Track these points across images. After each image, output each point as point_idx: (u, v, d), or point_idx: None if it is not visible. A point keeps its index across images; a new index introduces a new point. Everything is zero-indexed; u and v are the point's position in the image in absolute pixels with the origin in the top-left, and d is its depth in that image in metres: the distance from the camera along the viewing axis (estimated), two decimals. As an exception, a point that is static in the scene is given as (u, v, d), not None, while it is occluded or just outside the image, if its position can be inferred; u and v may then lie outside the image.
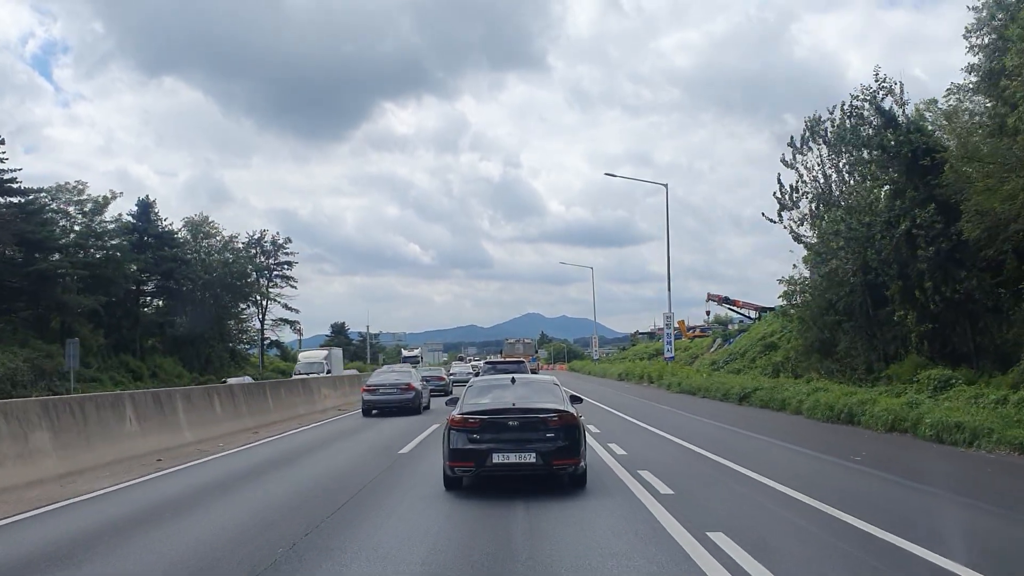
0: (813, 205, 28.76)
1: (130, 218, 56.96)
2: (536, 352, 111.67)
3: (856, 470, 12.38)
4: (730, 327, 72.17)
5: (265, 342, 72.76)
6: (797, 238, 29.62)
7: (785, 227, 29.45)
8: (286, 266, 74.59)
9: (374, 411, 25.31)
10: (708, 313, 65.14)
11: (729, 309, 62.34)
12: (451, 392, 25.85)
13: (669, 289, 44.06)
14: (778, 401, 23.23)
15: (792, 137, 28.98)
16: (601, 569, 6.82)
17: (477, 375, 29.62)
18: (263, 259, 73.51)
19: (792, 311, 31.49)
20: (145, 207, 58.17)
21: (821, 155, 28.35)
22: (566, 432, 10.25)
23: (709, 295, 61.63)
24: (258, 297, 71.40)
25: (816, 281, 28.61)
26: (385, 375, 27.89)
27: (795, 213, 29.23)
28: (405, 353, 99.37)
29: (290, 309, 74.69)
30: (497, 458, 10.01)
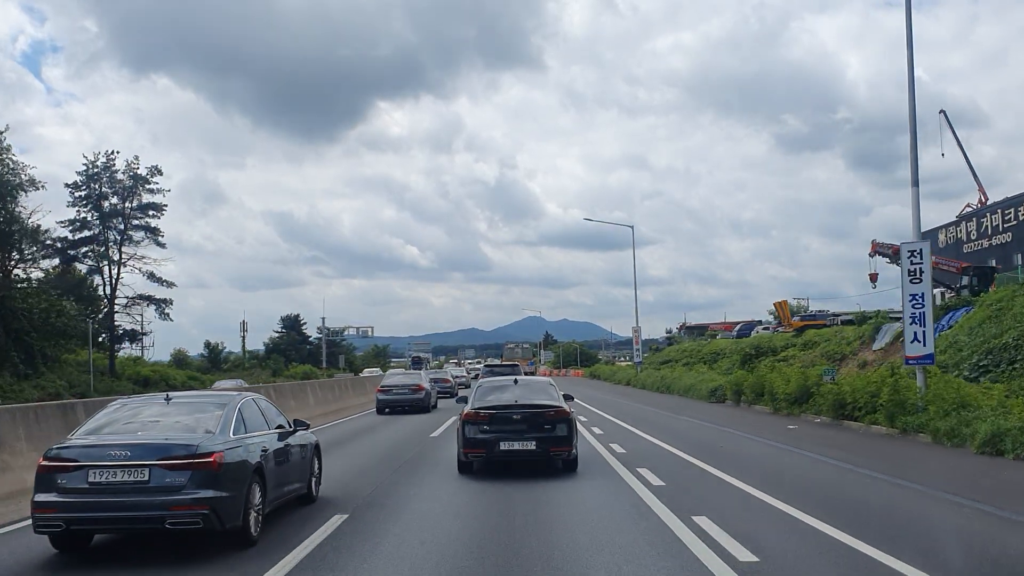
0: None
1: None
2: (534, 356, 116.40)
3: None
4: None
5: (117, 332, 45.79)
6: None
7: None
8: (151, 212, 47.60)
9: (387, 409, 26.63)
10: (874, 279, 38.03)
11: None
12: (457, 394, 27.95)
13: (915, 177, 17.38)
14: None
15: None
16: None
17: (475, 377, 35.76)
18: (116, 201, 46.53)
19: None
20: None
21: None
22: (560, 424, 11.60)
23: (875, 246, 34.94)
24: (102, 262, 44.52)
25: None
26: (398, 377, 29.69)
27: None
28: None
29: (158, 281, 47.52)
30: (504, 446, 11.46)
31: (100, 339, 59.46)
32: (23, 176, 34.02)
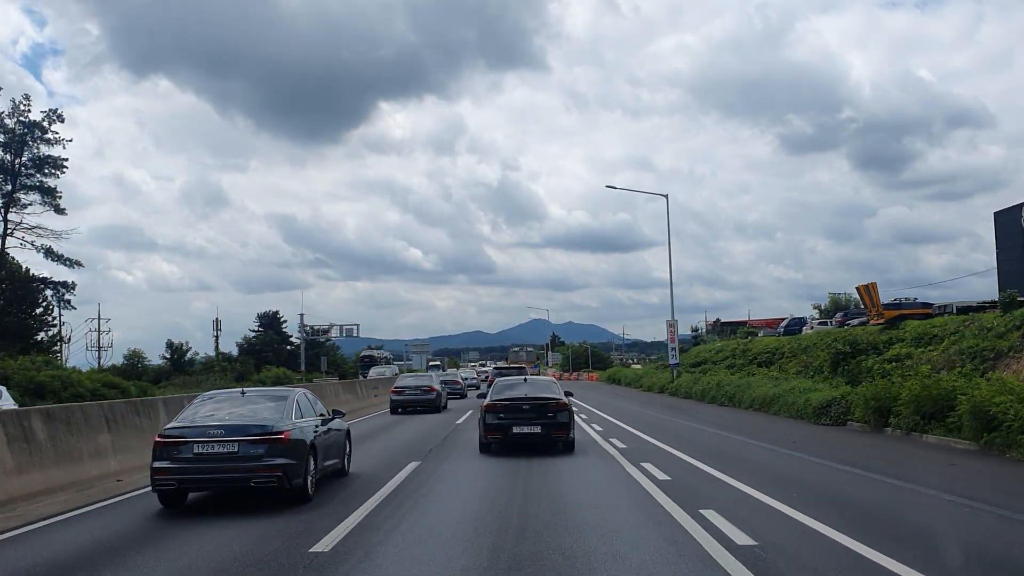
0: None
1: None
2: (538, 359, 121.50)
3: None
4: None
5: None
6: None
7: None
8: (47, 169, 36.98)
9: (400, 409, 28.36)
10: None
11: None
12: (466, 395, 35.70)
13: None
14: None
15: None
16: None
17: (485, 379, 47.41)
18: (1, 154, 36.12)
19: None
20: None
21: None
22: (561, 413, 14.78)
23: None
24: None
25: None
26: (410, 379, 32.13)
27: None
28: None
29: (56, 259, 37.01)
30: (516, 429, 14.55)
31: (38, 337, 49.57)
32: None
